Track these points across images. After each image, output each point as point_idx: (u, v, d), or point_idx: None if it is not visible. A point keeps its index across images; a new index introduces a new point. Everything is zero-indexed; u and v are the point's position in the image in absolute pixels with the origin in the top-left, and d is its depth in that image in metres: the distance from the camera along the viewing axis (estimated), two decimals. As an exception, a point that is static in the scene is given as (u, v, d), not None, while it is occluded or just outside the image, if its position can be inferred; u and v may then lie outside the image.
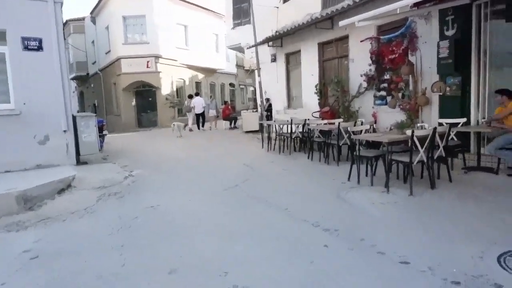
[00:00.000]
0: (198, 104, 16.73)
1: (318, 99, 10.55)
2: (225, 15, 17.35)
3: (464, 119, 6.23)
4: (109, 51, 22.01)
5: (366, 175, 5.76)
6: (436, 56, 6.71)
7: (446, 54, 6.52)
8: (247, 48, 14.09)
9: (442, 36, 6.65)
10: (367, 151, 5.84)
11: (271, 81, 13.02)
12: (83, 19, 25.92)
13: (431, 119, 6.97)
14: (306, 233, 3.76)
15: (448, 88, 6.65)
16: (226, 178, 6.62)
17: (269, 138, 9.83)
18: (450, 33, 6.52)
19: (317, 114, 10.07)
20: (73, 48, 25.76)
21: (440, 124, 6.09)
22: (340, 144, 7.00)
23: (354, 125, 6.97)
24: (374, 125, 7.65)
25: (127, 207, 5.23)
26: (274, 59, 12.89)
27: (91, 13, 23.98)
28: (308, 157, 8.04)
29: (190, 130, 16.30)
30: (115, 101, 22.55)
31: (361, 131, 6.16)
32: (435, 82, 6.87)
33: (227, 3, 15.87)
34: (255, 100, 19.16)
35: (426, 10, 6.76)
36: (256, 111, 15.00)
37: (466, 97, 6.45)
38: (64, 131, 7.39)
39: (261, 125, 11.97)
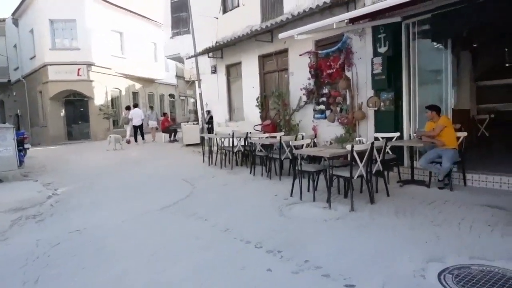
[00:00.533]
0: (136, 115, 15.99)
1: (260, 112, 10.51)
2: (163, 24, 16.84)
3: (398, 133, 6.49)
4: (34, 57, 20.27)
5: (308, 190, 5.72)
6: (370, 72, 6.98)
7: (379, 70, 6.80)
8: (187, 59, 13.74)
9: (376, 53, 6.92)
10: (309, 166, 5.83)
11: (212, 93, 12.76)
12: (3, 20, 23.72)
13: (367, 133, 7.20)
14: (249, 256, 3.54)
15: (382, 103, 6.93)
16: (164, 196, 6.26)
17: (211, 152, 9.54)
18: (382, 50, 6.81)
19: (259, 127, 10.01)
20: (-9, 52, 23.38)
21: (376, 138, 6.29)
22: (282, 159, 6.95)
23: (295, 139, 6.96)
24: (315, 139, 7.73)
25: (48, 232, 4.68)
26: (214, 71, 12.67)
27: (13, 14, 21.99)
28: (250, 172, 7.88)
29: (128, 142, 15.57)
30: (42, 111, 20.69)
31: (303, 145, 6.16)
32: (370, 97, 7.13)
33: (165, 12, 15.40)
34: (196, 112, 18.75)
35: (360, 27, 7.03)
36: (197, 123, 14.63)
37: (399, 112, 6.76)
38: (-26, 146, 6.53)
39: (202, 138, 11.64)
